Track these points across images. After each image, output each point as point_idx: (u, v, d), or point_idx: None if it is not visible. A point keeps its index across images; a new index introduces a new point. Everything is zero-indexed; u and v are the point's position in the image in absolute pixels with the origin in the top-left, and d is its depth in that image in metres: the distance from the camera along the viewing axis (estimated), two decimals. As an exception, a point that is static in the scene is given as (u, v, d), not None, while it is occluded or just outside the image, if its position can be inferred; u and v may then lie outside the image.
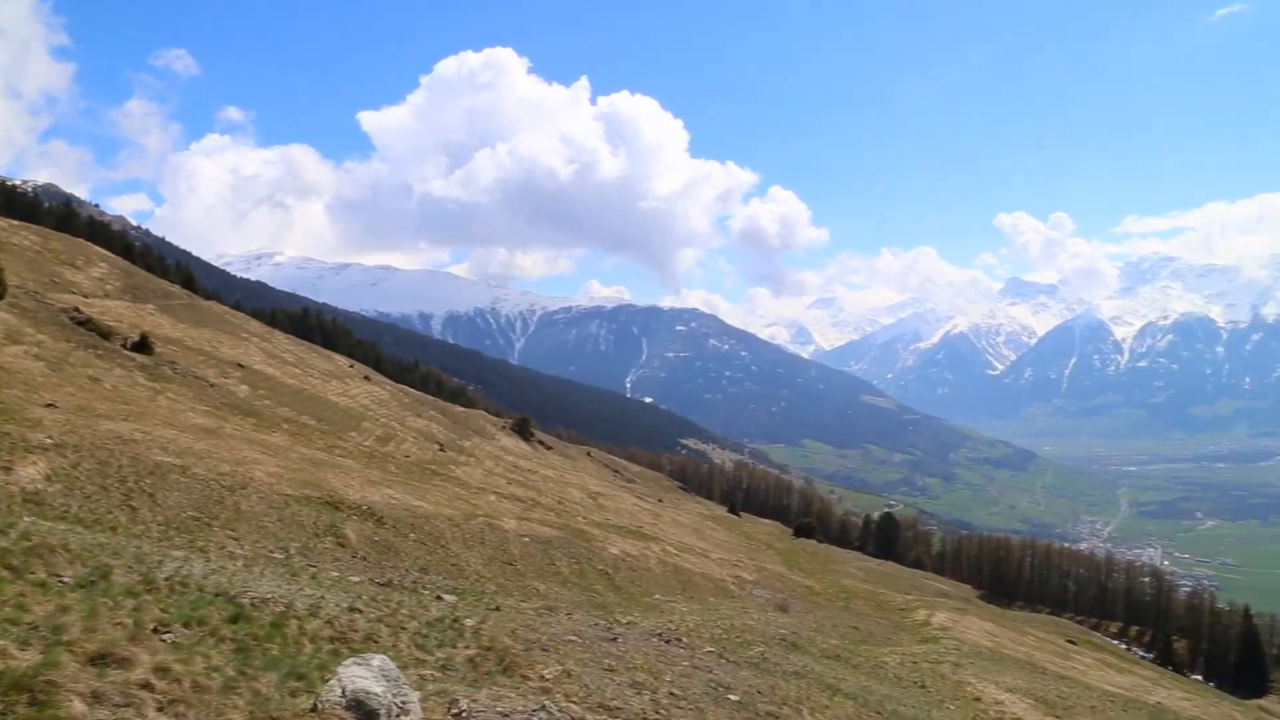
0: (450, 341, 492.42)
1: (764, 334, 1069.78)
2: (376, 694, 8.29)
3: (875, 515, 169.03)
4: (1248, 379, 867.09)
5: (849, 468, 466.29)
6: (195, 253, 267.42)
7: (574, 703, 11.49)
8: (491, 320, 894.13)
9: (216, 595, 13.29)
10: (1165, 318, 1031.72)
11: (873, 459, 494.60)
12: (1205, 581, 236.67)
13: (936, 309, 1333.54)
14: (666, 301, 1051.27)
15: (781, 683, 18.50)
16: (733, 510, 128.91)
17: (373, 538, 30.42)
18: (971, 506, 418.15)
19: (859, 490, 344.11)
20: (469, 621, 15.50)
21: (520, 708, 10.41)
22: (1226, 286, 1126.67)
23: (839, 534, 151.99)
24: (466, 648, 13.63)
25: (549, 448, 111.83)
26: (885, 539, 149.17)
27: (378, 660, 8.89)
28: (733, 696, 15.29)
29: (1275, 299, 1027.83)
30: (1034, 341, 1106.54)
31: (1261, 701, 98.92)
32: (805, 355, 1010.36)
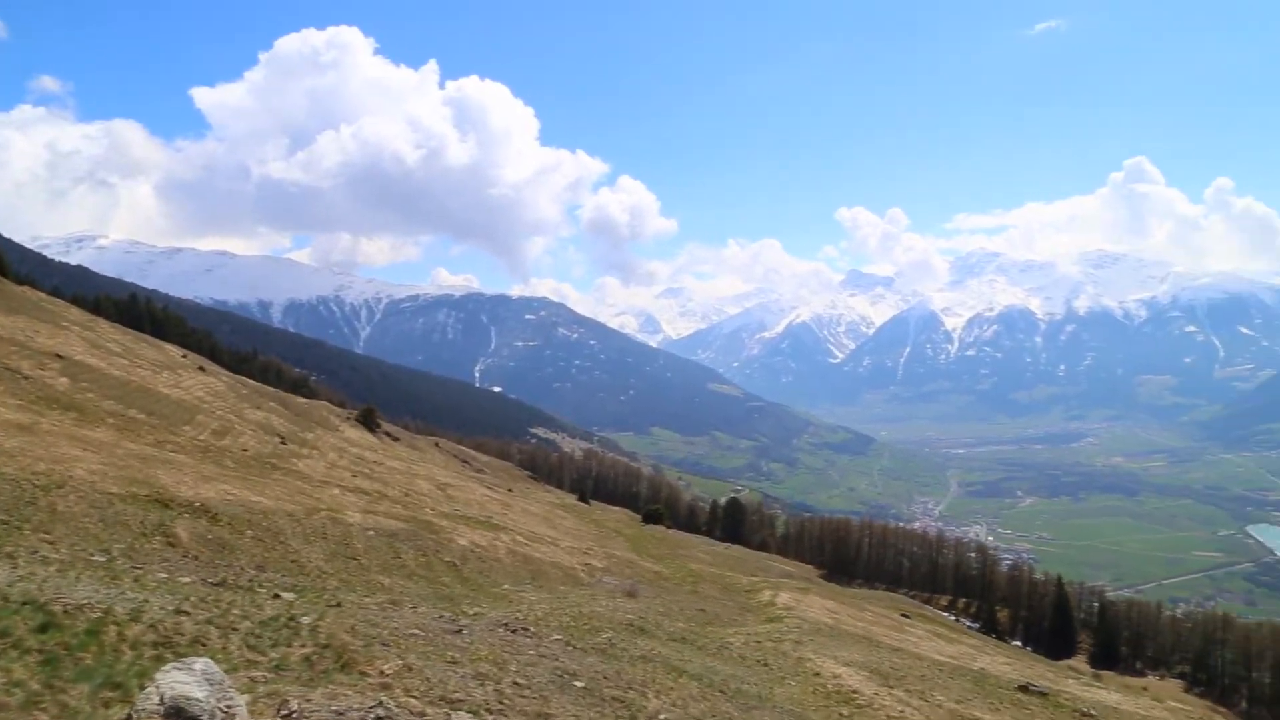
0: (291, 330, 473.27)
1: (613, 323, 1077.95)
2: (198, 699, 7.83)
3: (722, 500, 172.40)
4: (1062, 367, 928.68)
5: (697, 454, 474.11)
6: (5, 234, 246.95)
7: (414, 697, 11.23)
8: (335, 308, 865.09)
9: (24, 604, 12.33)
10: (990, 309, 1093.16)
11: (719, 445, 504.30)
12: (1024, 555, 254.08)
13: (781, 299, 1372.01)
14: (516, 290, 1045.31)
15: (627, 667, 18.64)
16: (583, 498, 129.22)
17: (206, 536, 29.00)
18: (814, 490, 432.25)
19: (706, 476, 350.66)
20: (306, 619, 14.95)
21: (357, 705, 10.08)
22: (1044, 281, 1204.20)
23: (687, 519, 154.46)
24: (303, 646, 13.13)
25: (396, 439, 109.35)
26: (732, 523, 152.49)
27: (200, 664, 8.40)
28: (578, 683, 15.30)
29: (1086, 293, 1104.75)
30: (872, 331, 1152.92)
31: (1071, 661, 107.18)
32: (654, 344, 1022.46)
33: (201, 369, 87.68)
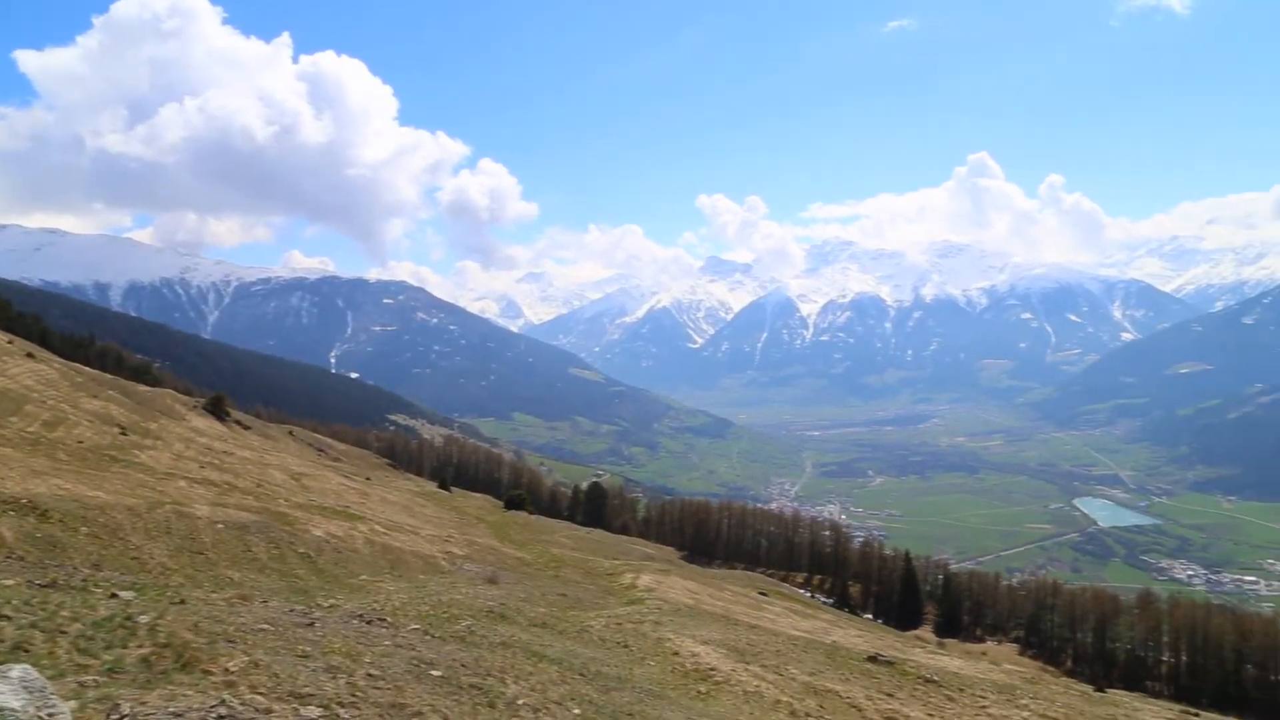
0: (133, 314, 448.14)
1: (473, 307, 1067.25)
2: (14, 709, 7.26)
3: (584, 485, 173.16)
4: (910, 351, 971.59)
5: (558, 439, 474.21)
6: None
7: (260, 694, 10.81)
8: (181, 291, 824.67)
9: None
10: (844, 296, 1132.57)
11: (581, 430, 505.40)
12: (875, 532, 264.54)
13: (641, 285, 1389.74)
14: (373, 273, 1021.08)
15: (487, 654, 18.50)
16: (443, 486, 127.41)
17: (34, 534, 27.26)
18: (674, 473, 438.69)
19: (568, 461, 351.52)
20: (145, 618, 14.19)
21: (197, 705, 9.64)
22: (894, 269, 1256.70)
23: (549, 505, 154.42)
24: (140, 647, 12.45)
25: (247, 427, 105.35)
26: (594, 508, 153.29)
27: (18, 671, 7.80)
28: (435, 672, 15.08)
29: (932, 281, 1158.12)
30: (730, 316, 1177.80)
31: (918, 631, 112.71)
32: (515, 329, 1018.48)
33: (30, 355, 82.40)
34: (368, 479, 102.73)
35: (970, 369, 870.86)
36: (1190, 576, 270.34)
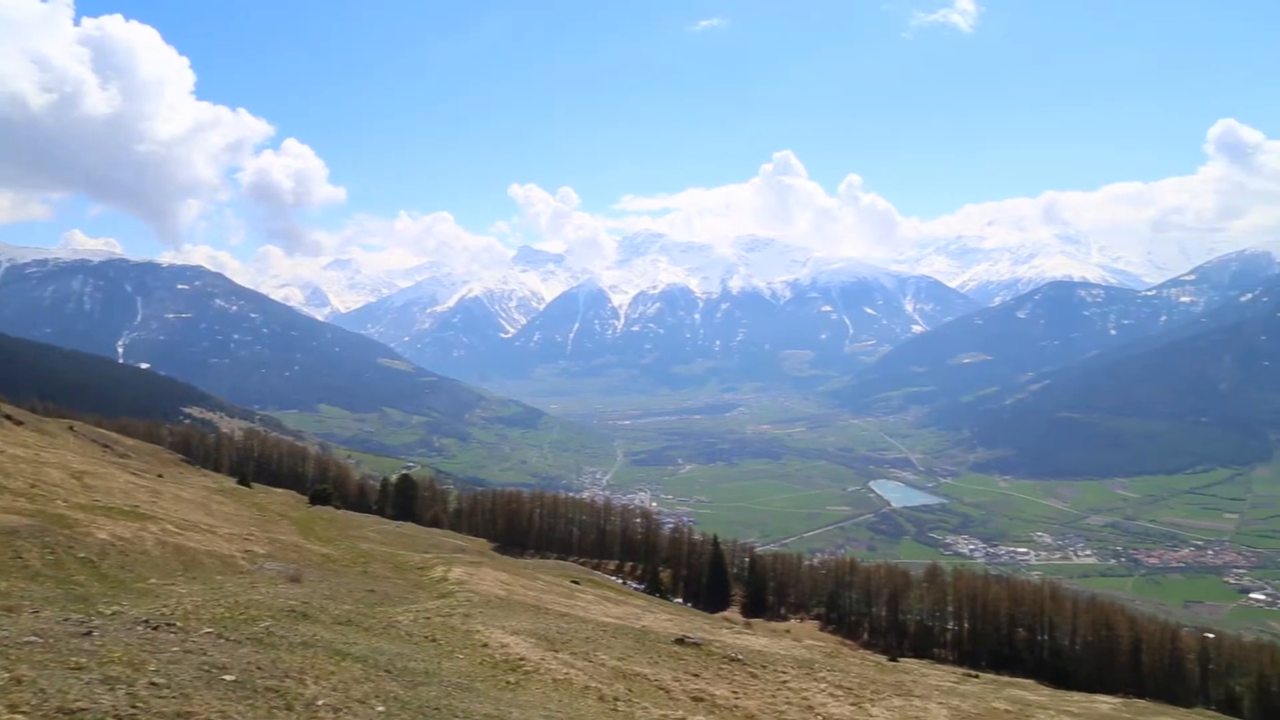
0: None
1: (277, 295, 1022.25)
2: None
3: (393, 478, 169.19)
4: (717, 342, 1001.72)
5: (366, 431, 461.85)
6: None
7: (21, 713, 9.93)
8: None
9: None
10: (654, 287, 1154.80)
11: (390, 422, 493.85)
12: (685, 518, 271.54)
13: (453, 273, 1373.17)
14: (166, 257, 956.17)
15: (285, 655, 17.77)
16: (244, 481, 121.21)
17: None
18: (486, 464, 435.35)
19: (377, 453, 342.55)
20: (-113, 636, 12.85)
21: (-56, 729, 8.81)
22: (702, 262, 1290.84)
23: (357, 499, 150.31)
24: (-119, 667, 11.26)
25: (19, 423, 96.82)
26: (404, 500, 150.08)
27: None
28: (228, 676, 14.33)
29: (739, 274, 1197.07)
30: (543, 307, 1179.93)
31: (726, 613, 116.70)
32: (320, 317, 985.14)
33: None
34: (159, 476, 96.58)
35: (774, 359, 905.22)
36: (972, 550, 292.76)
